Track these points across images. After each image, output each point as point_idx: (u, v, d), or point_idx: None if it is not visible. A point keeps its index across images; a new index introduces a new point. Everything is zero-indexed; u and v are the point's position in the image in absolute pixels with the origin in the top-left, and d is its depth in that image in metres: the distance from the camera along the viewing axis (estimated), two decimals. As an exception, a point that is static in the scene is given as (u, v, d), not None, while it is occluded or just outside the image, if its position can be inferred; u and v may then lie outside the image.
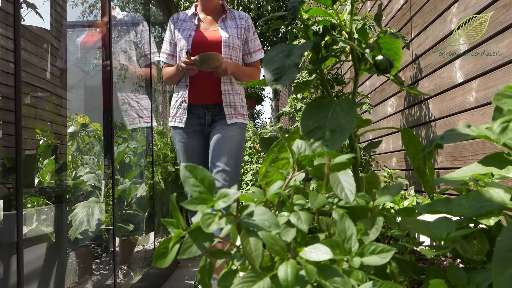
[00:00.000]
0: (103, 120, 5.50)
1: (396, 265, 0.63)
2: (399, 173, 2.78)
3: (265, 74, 0.77)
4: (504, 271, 0.42)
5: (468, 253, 0.64)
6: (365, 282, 0.55)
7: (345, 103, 0.74)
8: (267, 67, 0.76)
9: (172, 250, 0.49)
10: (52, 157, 3.73)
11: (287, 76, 0.73)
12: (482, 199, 0.59)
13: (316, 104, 0.76)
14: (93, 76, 6.36)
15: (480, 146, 1.85)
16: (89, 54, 3.83)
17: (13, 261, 2.28)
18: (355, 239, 0.55)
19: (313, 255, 0.45)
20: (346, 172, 0.56)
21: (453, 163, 2.11)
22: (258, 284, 0.43)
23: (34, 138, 3.67)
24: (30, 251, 2.70)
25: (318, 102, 0.76)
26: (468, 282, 0.57)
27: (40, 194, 3.27)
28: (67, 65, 4.33)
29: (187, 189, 0.51)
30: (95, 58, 3.69)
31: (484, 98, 1.81)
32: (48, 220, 3.06)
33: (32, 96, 3.62)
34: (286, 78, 0.73)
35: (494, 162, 0.62)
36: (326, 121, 0.72)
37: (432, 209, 0.62)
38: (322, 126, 0.72)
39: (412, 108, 2.71)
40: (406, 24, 2.72)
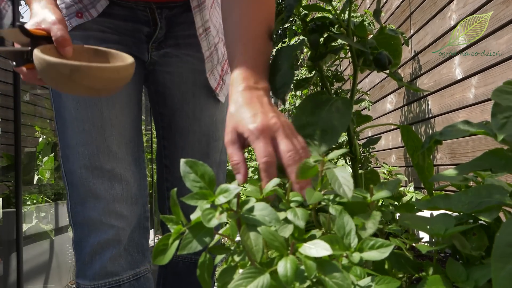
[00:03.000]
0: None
1: (395, 261, 0.63)
2: (399, 170, 2.78)
3: (271, 85, 0.75)
4: (503, 266, 0.42)
5: (467, 249, 0.64)
6: (364, 278, 0.55)
7: (342, 103, 0.74)
8: (271, 79, 0.75)
9: (172, 246, 0.49)
10: (52, 154, 3.74)
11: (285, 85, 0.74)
12: (481, 195, 0.59)
13: (313, 99, 0.75)
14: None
15: (479, 143, 1.85)
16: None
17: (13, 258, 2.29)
18: (354, 234, 0.55)
19: (313, 251, 0.45)
20: (343, 168, 0.56)
21: (453, 160, 2.12)
22: (258, 279, 0.43)
23: (34, 135, 3.67)
24: (29, 248, 2.70)
25: (315, 98, 0.76)
26: (467, 278, 0.57)
27: (40, 192, 3.28)
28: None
29: (188, 185, 0.51)
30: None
31: (483, 94, 1.81)
32: (47, 217, 3.06)
33: (31, 94, 3.62)
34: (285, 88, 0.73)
35: (493, 158, 0.62)
36: (318, 119, 0.71)
37: (431, 205, 0.62)
38: (314, 124, 0.71)
39: (412, 105, 2.71)
40: (406, 20, 2.72)
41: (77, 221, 1.02)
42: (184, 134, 1.18)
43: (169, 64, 1.15)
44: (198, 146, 1.18)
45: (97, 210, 1.00)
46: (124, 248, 1.02)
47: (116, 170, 1.02)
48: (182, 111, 1.17)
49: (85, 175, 1.00)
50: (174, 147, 1.20)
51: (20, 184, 2.12)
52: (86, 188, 1.00)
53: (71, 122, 1.01)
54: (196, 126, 1.18)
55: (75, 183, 1.02)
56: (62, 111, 1.02)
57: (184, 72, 1.16)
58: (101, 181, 1.01)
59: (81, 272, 1.01)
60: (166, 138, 1.21)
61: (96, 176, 1.00)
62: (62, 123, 1.03)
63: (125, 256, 1.03)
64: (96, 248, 1.00)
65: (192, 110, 1.17)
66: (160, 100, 1.20)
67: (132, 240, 1.05)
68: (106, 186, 1.01)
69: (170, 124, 1.19)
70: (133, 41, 1.09)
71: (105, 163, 1.01)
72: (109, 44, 0.99)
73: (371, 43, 0.80)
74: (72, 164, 1.01)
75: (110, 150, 1.02)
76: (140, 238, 1.07)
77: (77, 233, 1.02)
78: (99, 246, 0.99)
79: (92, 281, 0.99)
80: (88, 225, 1.01)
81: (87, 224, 1.01)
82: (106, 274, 0.99)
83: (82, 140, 1.00)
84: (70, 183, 1.03)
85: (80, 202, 1.01)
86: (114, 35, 1.06)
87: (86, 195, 1.01)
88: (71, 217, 1.04)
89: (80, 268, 1.02)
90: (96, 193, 1.00)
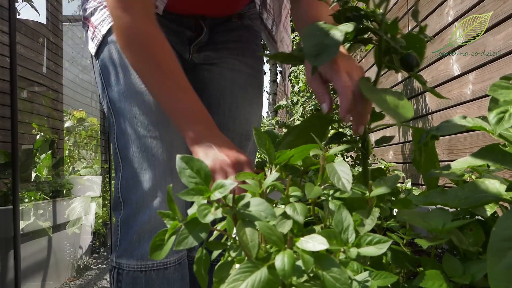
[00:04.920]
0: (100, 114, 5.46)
1: (392, 256, 0.63)
2: (396, 166, 2.79)
3: (304, 49, 0.75)
4: (499, 261, 0.42)
5: (464, 244, 0.64)
6: (361, 273, 0.55)
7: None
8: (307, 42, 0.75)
9: (168, 242, 0.49)
10: (49, 151, 3.73)
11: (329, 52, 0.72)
12: (478, 190, 0.59)
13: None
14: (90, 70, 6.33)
15: (476, 139, 1.85)
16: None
17: (11, 256, 2.29)
18: (352, 230, 0.55)
19: (310, 245, 0.45)
20: (342, 162, 0.56)
21: (450, 156, 2.12)
22: (255, 274, 0.43)
23: (31, 133, 3.66)
24: (27, 246, 2.69)
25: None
26: (464, 272, 0.57)
27: (37, 189, 3.27)
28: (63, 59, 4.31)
29: (183, 181, 0.51)
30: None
31: (480, 90, 1.81)
32: (45, 214, 3.06)
33: (28, 91, 3.61)
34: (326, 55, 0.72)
35: (490, 153, 0.62)
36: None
37: (428, 200, 0.62)
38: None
39: (409, 102, 2.71)
40: (403, 17, 2.72)
41: (128, 197, 0.98)
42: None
43: (209, 63, 1.21)
44: None
45: (152, 182, 0.96)
46: None
47: (174, 142, 1.00)
48: (218, 107, 1.20)
49: (143, 145, 0.98)
50: None
51: (17, 181, 2.11)
52: (143, 159, 0.97)
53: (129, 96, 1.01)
54: (231, 123, 1.21)
55: (130, 156, 0.98)
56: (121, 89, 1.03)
57: (223, 70, 1.21)
58: (160, 151, 0.98)
59: (127, 251, 0.97)
60: None
61: (154, 147, 0.98)
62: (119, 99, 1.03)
63: None
64: (146, 228, 0.96)
65: (228, 106, 1.21)
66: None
67: None
68: (164, 157, 0.98)
69: None
70: (176, 41, 1.14)
71: (164, 134, 0.99)
72: None
73: (401, 42, 0.78)
74: (129, 136, 0.99)
75: (169, 122, 0.98)
76: None
77: (126, 210, 0.98)
78: (149, 226, 0.95)
79: (140, 261, 0.95)
80: (139, 202, 0.97)
81: (139, 201, 0.97)
82: None
83: (142, 110, 1.00)
84: (125, 157, 1.00)
85: (133, 176, 0.98)
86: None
87: (141, 168, 0.97)
88: (121, 194, 1.00)
89: (125, 247, 0.97)
90: (154, 164, 0.97)
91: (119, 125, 1.02)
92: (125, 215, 0.99)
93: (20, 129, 2.39)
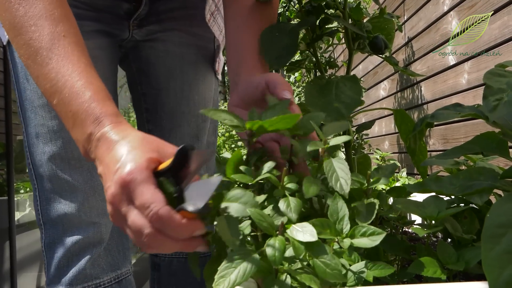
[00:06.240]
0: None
1: (388, 244, 0.63)
2: (391, 156, 2.79)
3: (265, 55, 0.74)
4: (493, 247, 0.43)
5: (459, 231, 0.64)
6: (357, 262, 0.55)
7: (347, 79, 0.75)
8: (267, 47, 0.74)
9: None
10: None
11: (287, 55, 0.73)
12: (472, 178, 0.59)
13: (316, 83, 0.75)
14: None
15: (471, 128, 1.86)
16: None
17: (6, 247, 2.28)
18: (347, 220, 0.54)
19: (300, 235, 0.44)
20: (341, 159, 0.55)
21: (445, 146, 2.13)
22: (247, 260, 0.42)
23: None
24: (23, 236, 2.69)
25: (317, 82, 0.75)
26: (458, 259, 0.58)
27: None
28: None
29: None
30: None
31: (476, 80, 1.82)
32: (41, 206, 3.05)
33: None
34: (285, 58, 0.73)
35: (484, 141, 0.62)
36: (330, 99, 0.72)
37: (423, 188, 0.62)
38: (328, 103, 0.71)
39: (405, 91, 2.71)
40: (399, 6, 2.71)
41: (48, 220, 0.89)
42: (172, 114, 1.06)
43: (152, 40, 1.04)
44: (187, 128, 1.07)
45: (75, 204, 0.87)
46: (104, 247, 0.90)
47: None
48: (168, 89, 1.06)
49: (60, 165, 0.87)
50: (161, 130, 1.08)
51: (12, 172, 2.10)
52: (61, 180, 0.87)
53: (40, 107, 0.86)
54: (185, 105, 1.07)
55: (46, 176, 0.88)
56: (29, 95, 0.87)
57: (169, 46, 1.05)
58: (79, 171, 0.87)
59: (55, 277, 0.89)
60: (151, 121, 1.09)
61: (73, 167, 0.87)
62: (29, 109, 0.88)
63: (105, 256, 0.91)
64: (73, 249, 0.88)
65: (180, 87, 1.06)
66: (144, 79, 1.07)
67: (112, 238, 0.92)
68: (85, 177, 0.88)
69: (155, 105, 1.07)
70: (112, 17, 0.97)
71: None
72: (84, 21, 0.87)
73: (367, 26, 0.79)
74: (42, 154, 0.88)
75: None
76: (120, 236, 0.94)
77: (48, 233, 0.90)
78: (77, 247, 0.87)
79: (68, 286, 0.87)
80: (63, 223, 0.88)
81: (62, 222, 0.88)
82: (85, 277, 0.88)
83: (54, 127, 0.86)
84: (40, 176, 0.89)
85: (52, 197, 0.88)
86: (90, 12, 0.93)
87: (60, 189, 0.87)
88: (41, 216, 0.91)
89: (53, 273, 0.89)
90: (74, 185, 0.87)
91: (28, 137, 0.90)
92: (49, 238, 0.90)
93: (14, 120, 2.37)
